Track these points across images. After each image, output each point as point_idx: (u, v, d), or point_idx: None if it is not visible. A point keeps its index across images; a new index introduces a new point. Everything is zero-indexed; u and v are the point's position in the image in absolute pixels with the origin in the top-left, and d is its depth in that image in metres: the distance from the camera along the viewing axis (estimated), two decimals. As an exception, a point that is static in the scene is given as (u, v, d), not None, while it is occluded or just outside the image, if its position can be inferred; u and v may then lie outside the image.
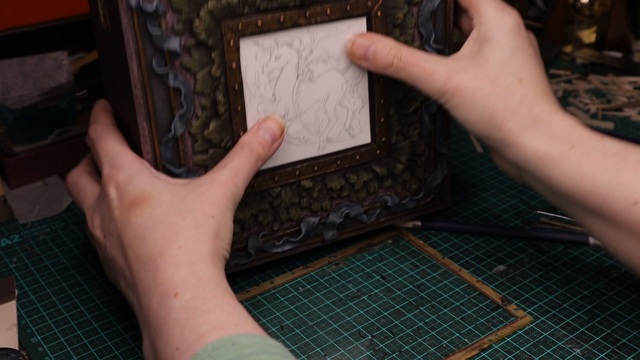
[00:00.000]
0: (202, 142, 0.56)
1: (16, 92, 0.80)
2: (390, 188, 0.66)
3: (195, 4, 0.52)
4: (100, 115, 0.60)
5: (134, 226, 0.51)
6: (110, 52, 0.56)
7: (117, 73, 0.56)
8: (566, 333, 0.58)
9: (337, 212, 0.64)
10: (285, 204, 0.61)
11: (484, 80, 0.57)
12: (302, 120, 0.59)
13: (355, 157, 0.63)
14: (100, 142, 0.57)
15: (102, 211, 0.54)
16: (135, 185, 0.52)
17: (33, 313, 0.61)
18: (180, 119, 0.55)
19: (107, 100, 0.62)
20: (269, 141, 0.57)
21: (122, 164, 0.54)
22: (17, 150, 0.76)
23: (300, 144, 0.60)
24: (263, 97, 0.57)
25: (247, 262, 0.62)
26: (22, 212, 0.73)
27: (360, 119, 0.62)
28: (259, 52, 0.56)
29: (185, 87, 0.54)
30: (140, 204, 0.51)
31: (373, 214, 0.66)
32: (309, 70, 0.58)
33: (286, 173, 0.60)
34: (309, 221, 0.63)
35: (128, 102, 0.55)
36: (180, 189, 0.53)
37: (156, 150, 0.55)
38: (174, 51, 0.53)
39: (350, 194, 0.64)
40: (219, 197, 0.52)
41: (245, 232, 0.61)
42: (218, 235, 0.51)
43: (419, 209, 0.68)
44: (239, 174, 0.54)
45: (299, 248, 0.64)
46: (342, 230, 0.65)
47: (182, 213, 0.51)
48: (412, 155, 0.65)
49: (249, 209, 0.60)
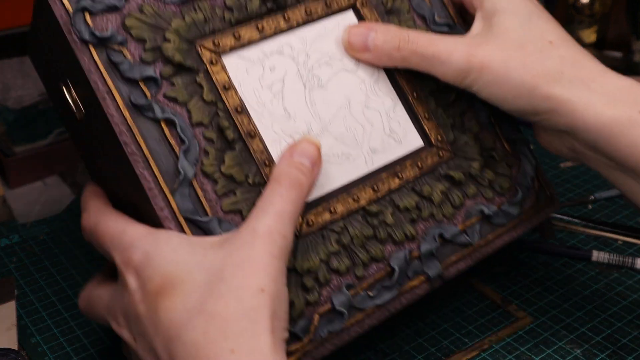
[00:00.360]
0: (224, 182, 0.47)
1: (16, 92, 0.80)
2: (477, 196, 0.55)
3: (157, 28, 0.47)
4: (89, 201, 0.49)
5: (166, 322, 0.40)
6: (90, 133, 0.49)
7: (103, 149, 0.49)
8: (566, 333, 0.58)
9: (428, 236, 0.52)
10: (357, 239, 0.50)
11: (512, 48, 0.50)
12: (331, 133, 0.51)
13: (417, 165, 0.53)
14: (100, 228, 0.46)
15: (125, 307, 0.43)
16: (156, 266, 0.42)
17: (32, 313, 0.61)
18: (186, 156, 0.46)
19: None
20: (309, 165, 0.46)
21: (132, 241, 0.44)
22: (16, 150, 0.76)
23: (342, 161, 0.51)
24: (274, 114, 0.50)
25: (342, 326, 0.48)
26: (21, 212, 0.73)
27: (399, 120, 0.54)
28: (248, 66, 0.50)
29: (179, 119, 0.46)
30: (167, 292, 0.40)
31: (474, 230, 0.54)
32: (314, 76, 0.52)
33: (342, 200, 0.50)
34: (398, 256, 0.51)
35: (122, 170, 0.46)
36: (214, 257, 0.42)
37: (171, 203, 0.45)
38: (150, 79, 0.46)
39: (434, 212, 0.53)
40: (264, 259, 0.41)
41: (324, 288, 0.48)
42: (275, 315, 0.40)
43: (528, 216, 0.57)
44: (284, 218, 0.43)
45: (404, 299, 0.51)
46: (447, 260, 0.53)
47: (223, 296, 0.39)
48: (483, 150, 0.56)
49: (314, 254, 0.48)
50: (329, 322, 0.48)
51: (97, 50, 0.45)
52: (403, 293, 0.50)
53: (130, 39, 0.47)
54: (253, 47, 0.50)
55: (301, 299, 0.47)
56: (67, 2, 0.46)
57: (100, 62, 0.45)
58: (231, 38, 0.49)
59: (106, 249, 0.46)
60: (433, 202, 0.53)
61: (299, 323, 0.46)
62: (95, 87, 0.45)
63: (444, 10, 0.58)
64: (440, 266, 0.52)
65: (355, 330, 0.49)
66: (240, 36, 0.50)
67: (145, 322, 0.41)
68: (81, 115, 0.48)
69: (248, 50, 0.50)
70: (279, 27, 0.51)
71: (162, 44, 0.47)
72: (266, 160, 0.48)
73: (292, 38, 0.52)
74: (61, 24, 0.45)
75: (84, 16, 0.46)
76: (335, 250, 0.49)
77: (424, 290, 0.51)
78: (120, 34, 0.46)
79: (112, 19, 0.47)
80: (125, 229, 0.45)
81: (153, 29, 0.47)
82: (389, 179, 0.52)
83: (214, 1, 0.50)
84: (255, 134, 0.48)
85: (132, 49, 0.46)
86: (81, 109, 0.48)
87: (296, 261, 0.47)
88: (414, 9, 0.57)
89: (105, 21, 0.46)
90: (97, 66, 0.45)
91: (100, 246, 0.47)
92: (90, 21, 0.46)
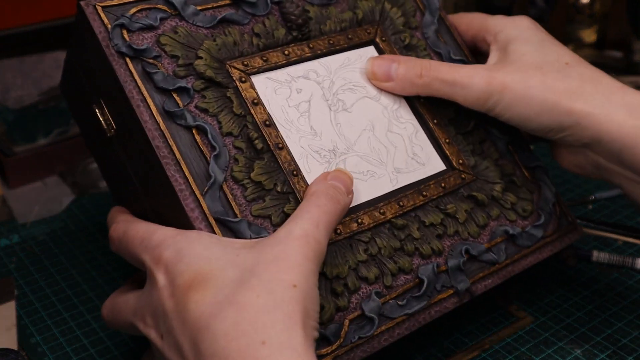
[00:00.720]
0: (253, 188, 0.48)
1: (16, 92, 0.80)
2: (501, 217, 0.56)
3: (189, 47, 0.50)
4: (116, 215, 0.51)
5: (195, 315, 0.39)
6: (119, 148, 0.51)
7: (133, 161, 0.51)
8: (566, 333, 0.58)
9: (454, 252, 0.53)
10: (385, 250, 0.51)
11: (530, 69, 0.51)
12: (356, 152, 0.53)
13: (440, 185, 0.54)
14: (129, 234, 0.47)
15: (152, 304, 0.43)
16: (188, 262, 0.41)
17: (32, 313, 0.61)
18: (217, 162, 0.48)
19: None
20: (343, 189, 0.47)
21: (163, 240, 0.44)
22: (16, 150, 0.76)
23: (368, 178, 0.53)
24: (301, 131, 0.52)
25: (372, 332, 0.48)
26: (21, 212, 0.73)
27: (422, 145, 0.56)
28: (276, 86, 0.53)
29: (210, 127, 0.48)
30: (198, 286, 0.40)
31: (499, 249, 0.55)
32: (339, 100, 0.54)
33: (368, 213, 0.51)
34: (426, 268, 0.51)
35: (153, 177, 0.48)
36: (247, 255, 0.42)
37: (202, 204, 0.46)
38: (182, 89, 0.49)
39: (459, 230, 0.54)
40: (298, 258, 0.41)
41: (354, 295, 0.49)
42: (306, 312, 0.40)
43: (552, 240, 0.58)
44: (320, 225, 0.43)
45: (433, 311, 0.51)
46: (475, 276, 0.53)
47: (254, 288, 0.39)
48: (503, 175, 0.58)
49: (343, 261, 0.49)
50: (359, 328, 0.48)
51: (133, 62, 0.48)
52: (432, 305, 0.51)
53: (164, 55, 0.50)
54: (280, 70, 0.53)
55: (331, 303, 0.47)
56: (106, 18, 0.49)
57: (136, 72, 0.48)
58: (259, 60, 0.53)
59: (135, 253, 0.45)
60: (458, 220, 0.54)
61: (330, 327, 0.47)
62: (131, 95, 0.48)
63: (459, 49, 0.61)
64: (468, 282, 0.52)
65: (386, 338, 0.49)
66: (267, 59, 0.53)
67: (173, 316, 0.40)
68: (112, 132, 0.50)
69: (276, 73, 0.53)
70: (303, 54, 0.54)
71: (194, 60, 0.50)
72: (294, 171, 0.50)
73: (317, 65, 0.55)
74: (99, 38, 0.49)
75: (121, 31, 0.49)
76: (363, 259, 0.50)
77: (452, 304, 0.52)
78: (154, 49, 0.49)
79: (148, 36, 0.50)
80: (155, 230, 0.45)
81: (186, 47, 0.50)
82: (413, 196, 0.53)
83: (243, 28, 0.53)
84: (283, 146, 0.50)
85: (165, 64, 0.49)
86: (112, 125, 0.51)
87: (325, 266, 0.48)
88: (430, 46, 0.60)
89: (141, 38, 0.50)
90: (132, 76, 0.48)
91: (129, 251, 0.46)
92: (127, 37, 0.49)
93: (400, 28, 0.59)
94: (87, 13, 0.49)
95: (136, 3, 0.51)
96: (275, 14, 0.55)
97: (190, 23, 0.51)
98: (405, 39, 0.59)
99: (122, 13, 0.50)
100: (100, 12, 0.49)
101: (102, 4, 0.49)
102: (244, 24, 0.53)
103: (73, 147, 0.78)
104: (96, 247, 0.68)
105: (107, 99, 0.51)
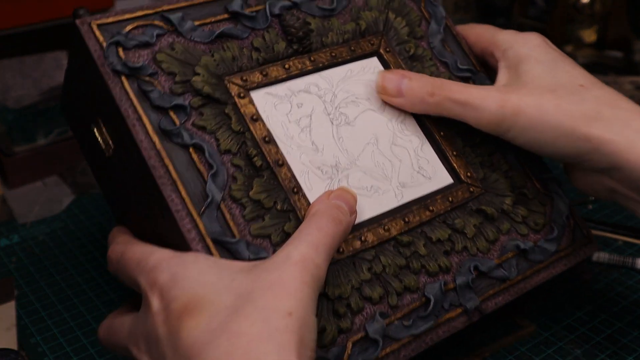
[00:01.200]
0: (252, 207, 0.47)
1: (15, 92, 0.80)
2: (512, 231, 0.54)
3: (187, 64, 0.49)
4: (117, 236, 0.50)
5: (188, 342, 0.38)
6: (118, 167, 0.50)
7: (131, 180, 0.50)
8: (567, 333, 0.58)
9: (462, 269, 0.51)
10: (390, 268, 0.49)
11: (544, 92, 0.49)
12: (360, 167, 0.51)
13: (448, 199, 0.53)
14: (126, 255, 0.46)
15: (147, 330, 0.42)
16: (182, 287, 0.40)
17: (32, 313, 0.61)
18: (214, 180, 0.46)
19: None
20: (346, 209, 0.46)
21: (158, 263, 0.43)
22: (16, 150, 0.76)
23: (372, 194, 0.51)
24: (302, 147, 0.50)
25: (376, 355, 0.46)
26: (21, 212, 0.73)
27: (427, 158, 0.54)
28: (276, 101, 0.51)
29: (207, 145, 0.47)
30: (192, 312, 0.39)
31: (510, 265, 0.53)
32: (341, 114, 0.53)
33: (372, 230, 0.49)
34: (433, 286, 0.49)
35: (150, 197, 0.47)
36: (242, 280, 0.40)
37: (199, 225, 0.45)
38: (179, 107, 0.48)
39: (468, 246, 0.52)
40: (295, 284, 0.40)
41: (357, 316, 0.47)
42: (302, 342, 0.38)
43: (566, 254, 0.56)
44: (319, 248, 0.42)
45: (441, 331, 0.49)
46: (484, 294, 0.51)
47: (248, 316, 0.38)
48: (513, 187, 0.56)
49: (346, 281, 0.47)
50: (362, 351, 0.46)
51: (128, 81, 0.47)
52: (440, 325, 0.49)
53: (160, 72, 0.48)
54: (280, 84, 0.52)
55: (333, 325, 0.46)
56: (101, 36, 0.48)
57: (131, 90, 0.47)
58: (258, 75, 0.51)
59: (132, 275, 0.44)
60: (466, 236, 0.52)
61: (332, 350, 0.45)
62: (126, 114, 0.46)
63: (466, 58, 0.59)
64: (478, 300, 0.50)
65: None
66: (267, 74, 0.51)
67: (166, 342, 0.39)
68: (110, 152, 0.50)
69: (275, 87, 0.52)
70: (305, 67, 0.53)
71: (191, 77, 0.49)
72: (294, 188, 0.48)
73: (318, 78, 0.54)
74: (95, 57, 0.48)
75: (116, 49, 0.48)
76: (367, 278, 0.48)
77: (461, 323, 0.50)
78: (151, 67, 0.48)
79: (144, 54, 0.49)
80: (152, 252, 0.44)
81: (183, 64, 0.49)
82: (419, 211, 0.51)
83: (242, 42, 0.52)
84: (283, 163, 0.49)
85: (162, 81, 0.48)
86: (110, 145, 0.50)
87: (327, 287, 0.46)
88: (436, 56, 0.58)
89: (137, 56, 0.48)
90: (127, 95, 0.47)
91: (126, 274, 0.46)
92: (123, 55, 0.48)
93: (405, 38, 0.58)
94: (82, 31, 0.48)
95: (132, 20, 0.49)
96: (275, 27, 0.53)
97: (188, 39, 0.50)
98: (410, 49, 0.57)
99: (117, 30, 0.48)
100: (95, 30, 0.48)
101: (98, 21, 0.48)
102: (243, 38, 0.52)
103: (73, 147, 0.78)
104: (96, 247, 0.68)
105: (105, 118, 0.50)
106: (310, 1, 0.55)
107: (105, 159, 0.51)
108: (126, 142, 0.48)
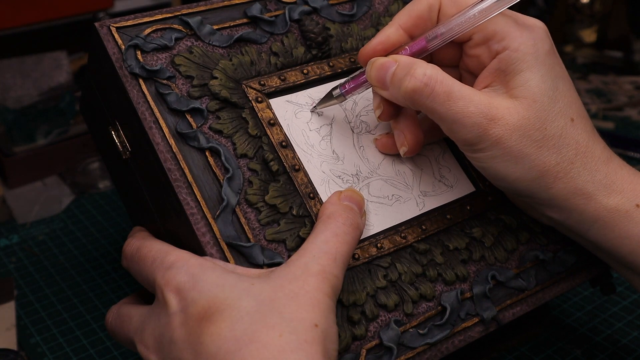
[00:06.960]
0: (267, 212, 0.47)
1: (15, 92, 0.80)
2: (531, 242, 0.53)
3: (205, 67, 0.49)
4: (136, 232, 0.49)
5: (211, 349, 0.37)
6: (135, 170, 0.50)
7: (147, 183, 0.49)
8: (567, 333, 0.58)
9: (480, 278, 0.50)
10: (406, 276, 0.48)
11: (533, 128, 0.45)
12: (381, 176, 0.51)
13: (466, 207, 0.52)
14: (142, 251, 0.45)
15: (158, 328, 0.41)
16: (202, 289, 0.40)
17: (32, 313, 0.61)
18: (230, 184, 0.46)
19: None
20: (357, 210, 0.45)
21: (177, 262, 0.42)
22: (16, 150, 0.76)
23: (394, 203, 0.50)
24: (323, 155, 0.50)
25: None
26: (21, 212, 0.73)
27: (449, 167, 0.54)
28: (297, 109, 0.51)
29: (224, 149, 0.47)
30: (213, 317, 0.38)
31: (529, 275, 0.51)
32: (362, 122, 0.52)
33: (389, 237, 0.49)
34: (450, 295, 0.48)
35: (166, 200, 0.47)
36: (262, 286, 0.40)
37: (213, 229, 0.45)
38: (196, 110, 0.47)
39: (486, 255, 0.51)
40: (318, 295, 0.39)
41: (371, 324, 0.46)
42: (326, 352, 0.38)
43: (586, 265, 0.54)
44: (337, 258, 0.41)
45: (457, 340, 0.48)
46: (502, 304, 0.50)
47: (275, 327, 0.38)
48: None
49: (361, 287, 0.46)
50: (377, 358, 0.45)
51: (146, 84, 0.47)
52: (455, 334, 0.48)
53: (178, 76, 0.48)
54: (301, 92, 0.52)
55: (347, 332, 0.45)
56: (120, 40, 0.48)
57: (149, 93, 0.47)
58: (277, 80, 0.51)
59: (147, 271, 0.43)
60: (484, 245, 0.51)
61: (346, 357, 0.45)
62: (143, 117, 0.46)
63: None
64: (495, 310, 0.49)
65: None
66: (285, 78, 0.51)
67: (183, 346, 0.39)
68: (127, 154, 0.50)
69: (296, 95, 0.52)
70: (324, 72, 0.53)
71: (209, 81, 0.49)
72: (311, 194, 0.48)
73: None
74: (113, 60, 0.48)
75: (135, 52, 0.48)
76: (382, 285, 0.47)
77: (478, 333, 0.48)
78: (169, 70, 0.48)
79: (162, 57, 0.49)
80: (169, 251, 0.43)
81: (201, 68, 0.49)
82: (437, 219, 0.51)
83: (261, 46, 0.52)
84: (300, 168, 0.49)
85: (179, 85, 0.48)
86: (127, 148, 0.49)
87: (342, 293, 0.45)
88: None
89: (155, 59, 0.48)
90: (145, 98, 0.47)
91: (140, 269, 0.45)
92: (141, 58, 0.48)
93: None
94: (101, 34, 0.48)
95: (151, 23, 0.49)
96: (294, 32, 0.53)
97: (206, 43, 0.50)
98: None
99: (136, 34, 0.48)
100: (114, 32, 0.48)
101: (117, 24, 0.48)
102: (262, 42, 0.52)
103: (73, 147, 0.78)
104: (96, 247, 0.68)
105: (122, 121, 0.50)
106: (330, 6, 0.55)
107: (122, 161, 0.51)
108: (143, 145, 0.48)
